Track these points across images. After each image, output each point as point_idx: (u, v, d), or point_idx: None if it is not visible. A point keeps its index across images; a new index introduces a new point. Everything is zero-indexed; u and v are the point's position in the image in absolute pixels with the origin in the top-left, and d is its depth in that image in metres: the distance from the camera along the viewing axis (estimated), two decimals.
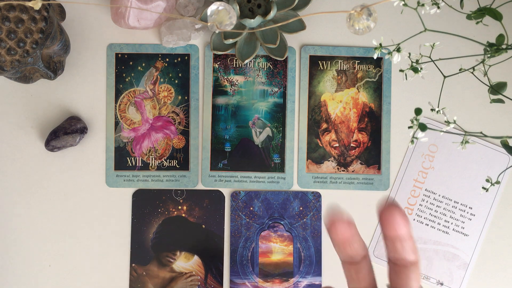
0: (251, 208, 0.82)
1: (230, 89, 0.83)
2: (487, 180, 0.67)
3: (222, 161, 0.82)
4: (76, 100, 0.82)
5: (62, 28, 0.75)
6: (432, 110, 0.63)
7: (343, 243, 0.47)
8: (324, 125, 0.83)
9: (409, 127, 0.60)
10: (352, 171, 0.83)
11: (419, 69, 0.62)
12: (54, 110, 0.82)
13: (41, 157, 0.82)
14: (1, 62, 0.69)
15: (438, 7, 0.60)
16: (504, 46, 0.60)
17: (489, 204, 0.82)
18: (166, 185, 0.82)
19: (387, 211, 0.45)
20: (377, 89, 0.83)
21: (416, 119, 0.60)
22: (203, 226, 0.82)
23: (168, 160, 0.82)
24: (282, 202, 0.82)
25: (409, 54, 0.63)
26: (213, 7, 0.64)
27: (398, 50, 0.61)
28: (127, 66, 0.82)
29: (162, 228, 0.82)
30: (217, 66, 0.83)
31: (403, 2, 0.59)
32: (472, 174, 0.82)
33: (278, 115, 0.83)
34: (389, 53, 0.62)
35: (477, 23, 0.64)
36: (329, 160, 0.83)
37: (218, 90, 0.83)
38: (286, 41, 0.80)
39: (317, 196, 0.82)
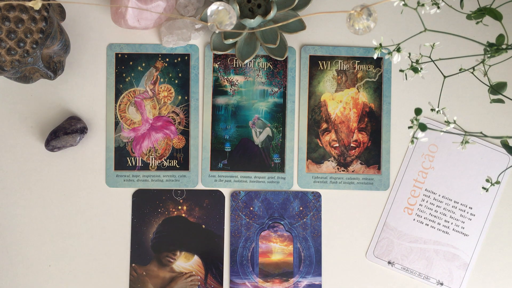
0: (251, 208, 0.82)
1: (230, 89, 0.83)
2: (487, 180, 0.67)
3: (222, 161, 0.82)
4: (76, 100, 0.82)
5: (62, 28, 0.75)
6: (432, 110, 0.63)
7: None
8: (324, 125, 0.83)
9: (409, 127, 0.60)
10: (352, 171, 0.83)
11: (419, 69, 0.62)
12: (54, 110, 0.82)
13: (41, 157, 0.82)
14: (1, 62, 0.69)
15: (438, 7, 0.60)
16: (504, 46, 0.60)
17: (489, 204, 0.82)
18: (166, 185, 0.82)
19: None
20: (377, 89, 0.83)
21: (416, 119, 0.60)
22: (203, 226, 0.82)
23: (168, 160, 0.82)
24: (282, 202, 0.82)
25: (409, 54, 0.63)
26: (213, 7, 0.65)
27: (398, 50, 0.61)
28: (127, 66, 0.82)
29: (162, 228, 0.82)
30: (217, 66, 0.83)
31: (403, 2, 0.59)
32: (472, 174, 0.82)
33: (278, 115, 0.83)
34: (389, 53, 0.62)
35: (477, 23, 0.64)
36: (329, 160, 0.83)
37: (218, 90, 0.83)
38: (286, 41, 0.80)
39: (317, 196, 0.82)
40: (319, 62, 0.83)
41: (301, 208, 0.82)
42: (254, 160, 0.83)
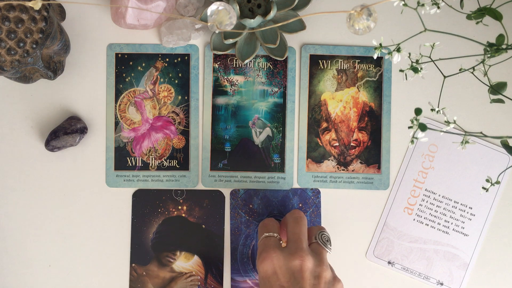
0: (251, 206, 0.82)
1: (230, 89, 0.83)
2: (487, 180, 0.67)
3: (222, 161, 0.82)
4: (76, 100, 0.82)
5: (62, 28, 0.75)
6: (432, 110, 0.63)
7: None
8: (324, 124, 0.83)
9: (409, 127, 0.60)
10: (352, 171, 0.83)
11: (419, 69, 0.62)
12: (54, 110, 0.82)
13: (41, 157, 0.82)
14: (1, 62, 0.69)
15: (438, 7, 0.60)
16: (504, 46, 0.60)
17: (489, 204, 0.82)
18: (166, 185, 0.82)
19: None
20: (377, 88, 0.83)
21: (416, 119, 0.60)
22: (203, 226, 0.82)
23: (168, 160, 0.82)
24: (281, 199, 0.82)
25: (409, 54, 0.63)
26: (213, 7, 0.65)
27: (398, 50, 0.61)
28: (127, 66, 0.82)
29: (162, 228, 0.82)
30: (217, 66, 0.83)
31: (403, 2, 0.59)
32: (472, 174, 0.82)
33: (278, 115, 0.83)
34: (389, 53, 0.62)
35: (477, 23, 0.64)
36: (329, 160, 0.83)
37: (218, 90, 0.83)
38: (286, 41, 0.80)
39: (316, 192, 0.82)
40: (319, 61, 0.83)
41: (300, 205, 0.82)
42: (254, 160, 0.83)
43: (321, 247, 0.72)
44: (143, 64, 0.82)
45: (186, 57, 0.82)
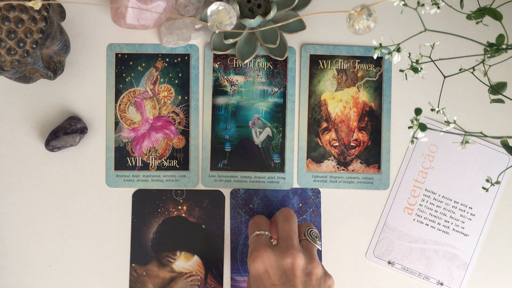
0: (251, 206, 0.82)
1: (230, 89, 0.83)
2: (487, 180, 0.67)
3: (222, 161, 0.82)
4: (76, 100, 0.82)
5: (62, 28, 0.75)
6: (432, 110, 0.63)
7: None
8: (324, 124, 0.83)
9: (409, 127, 0.60)
10: (352, 170, 0.83)
11: (419, 69, 0.62)
12: (54, 110, 0.82)
13: (41, 157, 0.82)
14: (1, 62, 0.69)
15: (438, 7, 0.60)
16: (504, 46, 0.60)
17: (489, 204, 0.82)
18: (166, 185, 0.82)
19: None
20: (377, 88, 0.83)
21: (416, 119, 0.60)
22: (203, 226, 0.82)
23: (168, 160, 0.82)
24: (282, 199, 0.82)
25: (409, 54, 0.63)
26: (213, 7, 0.65)
27: (398, 50, 0.61)
28: (127, 66, 0.82)
29: (162, 228, 0.82)
30: (217, 66, 0.83)
31: (403, 2, 0.59)
32: (472, 174, 0.82)
33: (278, 115, 0.83)
34: (389, 53, 0.62)
35: (477, 23, 0.64)
36: (329, 159, 0.83)
37: (218, 90, 0.83)
38: (286, 41, 0.80)
39: (316, 192, 0.82)
40: (319, 61, 0.83)
41: (300, 205, 0.82)
42: (254, 160, 0.83)
43: (311, 244, 0.73)
44: (143, 64, 0.82)
45: (186, 57, 0.82)
